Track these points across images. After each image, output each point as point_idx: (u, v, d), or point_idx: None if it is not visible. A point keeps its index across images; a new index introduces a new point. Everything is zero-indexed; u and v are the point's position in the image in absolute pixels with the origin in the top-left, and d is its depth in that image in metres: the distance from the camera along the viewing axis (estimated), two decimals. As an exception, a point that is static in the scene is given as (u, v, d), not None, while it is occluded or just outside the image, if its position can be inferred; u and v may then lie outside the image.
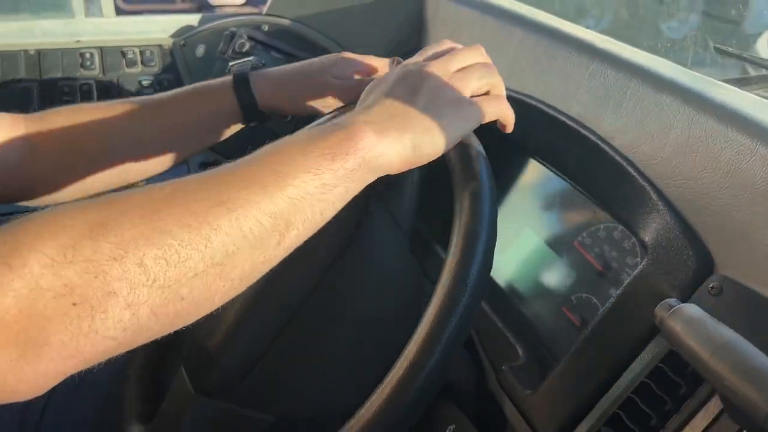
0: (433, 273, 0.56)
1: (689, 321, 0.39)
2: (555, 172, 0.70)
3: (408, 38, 1.01)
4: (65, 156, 0.71)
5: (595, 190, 0.64)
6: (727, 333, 0.37)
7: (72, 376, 0.36)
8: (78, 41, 1.26)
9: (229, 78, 0.75)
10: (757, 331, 0.44)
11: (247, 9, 1.66)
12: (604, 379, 0.52)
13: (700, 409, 0.44)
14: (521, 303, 0.70)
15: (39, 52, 1.23)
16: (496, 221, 0.49)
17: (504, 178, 0.80)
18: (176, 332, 0.40)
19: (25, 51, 1.22)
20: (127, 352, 0.38)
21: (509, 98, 0.59)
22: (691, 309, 0.40)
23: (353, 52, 0.95)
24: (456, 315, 0.43)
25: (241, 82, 0.74)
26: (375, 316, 0.63)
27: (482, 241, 0.47)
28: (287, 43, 1.14)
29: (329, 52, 1.11)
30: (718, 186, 0.51)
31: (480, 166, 0.52)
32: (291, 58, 1.12)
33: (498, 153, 0.67)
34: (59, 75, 1.22)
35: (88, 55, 1.25)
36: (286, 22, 1.16)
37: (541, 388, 0.57)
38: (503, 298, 0.71)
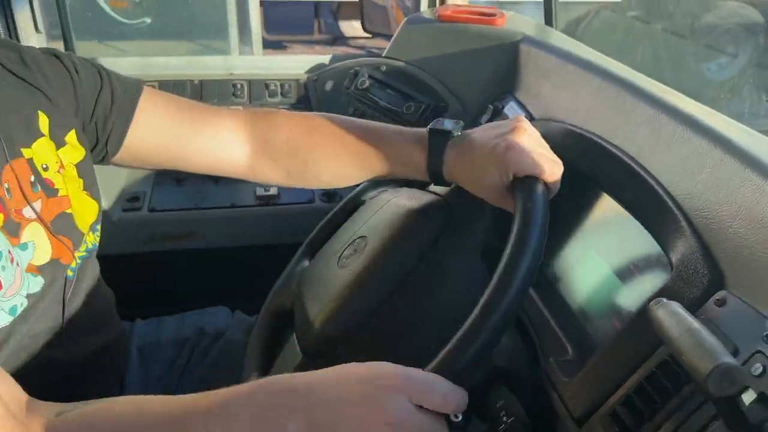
0: None
1: (670, 312, 0.50)
2: (615, 200, 0.82)
3: (503, 81, 1.15)
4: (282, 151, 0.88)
5: (643, 217, 0.74)
6: (693, 322, 0.48)
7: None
8: (232, 74, 1.54)
9: (425, 135, 0.79)
10: (747, 336, 0.54)
11: (372, 42, 1.87)
12: (626, 370, 0.63)
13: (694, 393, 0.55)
14: (576, 309, 0.82)
15: (201, 82, 1.51)
16: (544, 233, 0.62)
17: (573, 204, 0.91)
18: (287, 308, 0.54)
19: (191, 81, 1.51)
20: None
21: (582, 136, 0.71)
22: (674, 305, 0.51)
23: (455, 91, 1.11)
24: (514, 283, 0.56)
25: (436, 145, 0.77)
26: (448, 308, 0.78)
27: (531, 247, 0.60)
28: (401, 82, 1.33)
29: (436, 91, 1.29)
30: (733, 218, 0.61)
31: (537, 193, 0.66)
32: (403, 95, 1.31)
33: (571, 184, 0.79)
34: (215, 101, 1.49)
35: (239, 86, 1.52)
36: (401, 64, 1.36)
37: (577, 377, 0.69)
38: (562, 304, 0.83)
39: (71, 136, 0.77)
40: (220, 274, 1.34)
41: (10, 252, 0.64)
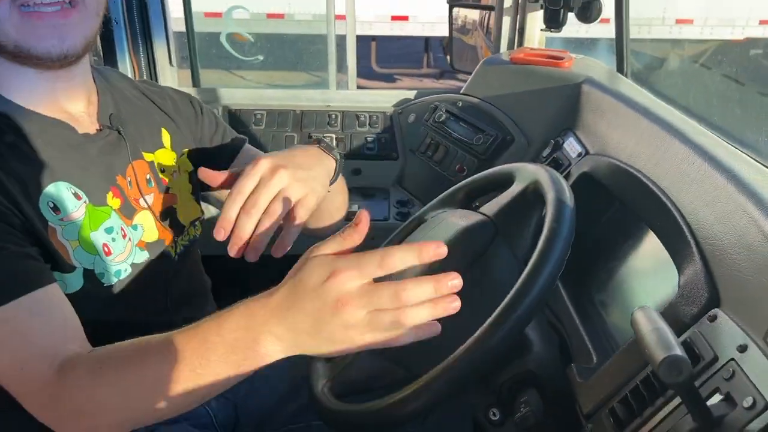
0: None
1: (646, 315, 0.59)
2: (647, 227, 0.90)
3: (565, 118, 1.26)
4: None
5: (666, 244, 0.83)
6: (659, 322, 0.57)
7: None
8: (328, 106, 1.74)
9: None
10: (726, 347, 0.62)
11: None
12: (627, 376, 0.72)
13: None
14: (606, 322, 0.90)
15: (302, 112, 1.72)
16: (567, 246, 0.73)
17: (612, 227, 1.01)
18: None
19: (294, 110, 1.72)
20: None
21: (625, 171, 0.82)
22: (650, 310, 0.60)
23: (521, 126, 1.21)
24: (536, 286, 0.68)
25: None
26: (489, 311, 0.89)
27: (555, 256, 0.71)
28: (474, 117, 1.46)
29: (505, 126, 1.41)
30: (733, 245, 0.69)
31: (564, 213, 0.77)
32: (474, 128, 1.44)
33: (613, 211, 0.88)
34: (313, 129, 1.69)
35: (333, 116, 1.71)
36: (475, 100, 1.49)
37: (591, 380, 0.78)
38: (595, 316, 0.92)
39: (185, 155, 0.99)
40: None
41: (122, 228, 0.84)
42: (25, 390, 0.69)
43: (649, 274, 0.88)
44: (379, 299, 0.57)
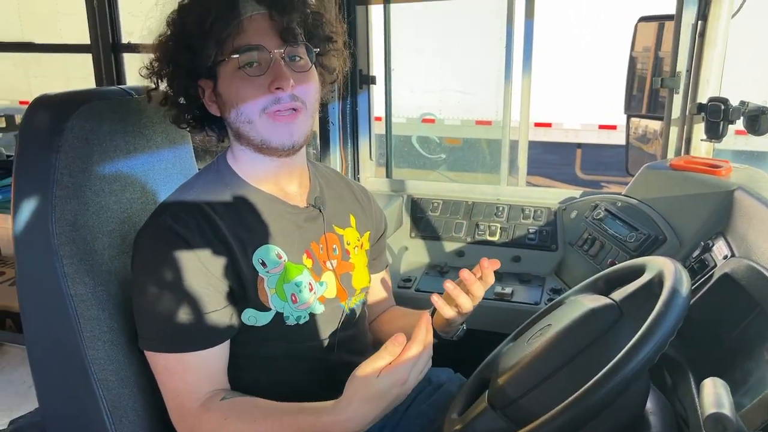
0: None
1: (714, 383, 0.67)
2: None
3: (717, 223, 1.31)
4: None
5: None
6: (721, 387, 0.65)
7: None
8: (498, 199, 1.95)
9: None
10: None
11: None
12: None
13: None
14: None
15: (473, 203, 1.95)
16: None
17: (751, 333, 1.04)
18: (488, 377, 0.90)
19: (466, 201, 1.96)
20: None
21: (760, 273, 0.93)
22: (719, 381, 0.67)
23: (675, 228, 1.30)
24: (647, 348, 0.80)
25: None
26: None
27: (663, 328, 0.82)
28: (630, 217, 1.56)
29: (659, 227, 1.48)
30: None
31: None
32: (630, 227, 1.53)
33: (744, 307, 0.93)
34: (480, 218, 1.91)
35: (501, 209, 1.91)
36: (634, 201, 1.59)
37: None
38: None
39: (366, 235, 1.26)
40: (455, 346, 1.67)
41: (310, 284, 1.10)
42: (177, 414, 1.02)
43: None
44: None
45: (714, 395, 0.64)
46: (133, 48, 2.39)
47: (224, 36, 0.99)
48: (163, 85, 1.08)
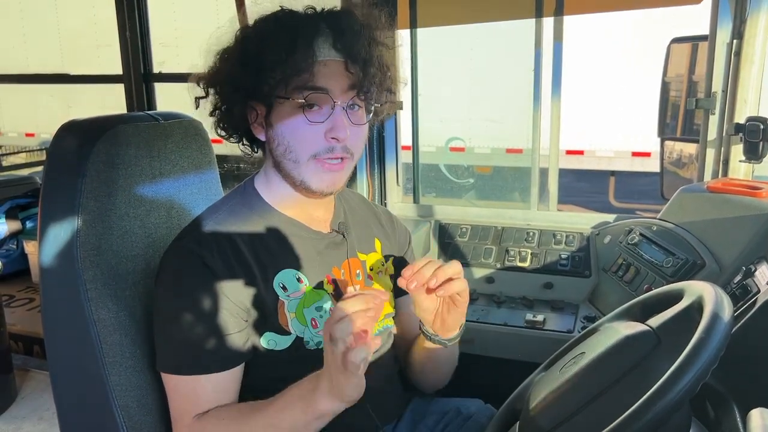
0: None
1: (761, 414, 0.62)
2: None
3: (758, 247, 1.25)
4: None
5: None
6: None
7: None
8: (528, 224, 1.90)
9: None
10: None
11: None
12: None
13: None
14: None
15: (503, 228, 1.91)
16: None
17: None
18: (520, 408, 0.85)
19: (495, 226, 1.92)
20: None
21: None
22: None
23: (714, 252, 1.24)
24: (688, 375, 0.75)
25: None
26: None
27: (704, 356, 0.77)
28: (666, 241, 1.50)
29: (697, 251, 1.42)
30: None
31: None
32: (666, 251, 1.47)
33: None
34: (510, 243, 1.86)
35: (531, 234, 1.87)
36: (670, 225, 1.53)
37: None
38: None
39: (391, 261, 1.24)
40: (485, 376, 1.62)
41: (331, 310, 1.07)
42: (177, 425, 1.02)
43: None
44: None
45: (763, 427, 0.59)
46: (163, 77, 2.45)
47: (295, 72, 0.97)
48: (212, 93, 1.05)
